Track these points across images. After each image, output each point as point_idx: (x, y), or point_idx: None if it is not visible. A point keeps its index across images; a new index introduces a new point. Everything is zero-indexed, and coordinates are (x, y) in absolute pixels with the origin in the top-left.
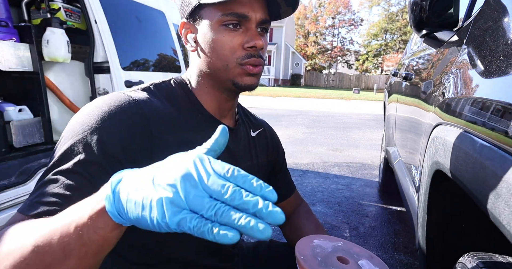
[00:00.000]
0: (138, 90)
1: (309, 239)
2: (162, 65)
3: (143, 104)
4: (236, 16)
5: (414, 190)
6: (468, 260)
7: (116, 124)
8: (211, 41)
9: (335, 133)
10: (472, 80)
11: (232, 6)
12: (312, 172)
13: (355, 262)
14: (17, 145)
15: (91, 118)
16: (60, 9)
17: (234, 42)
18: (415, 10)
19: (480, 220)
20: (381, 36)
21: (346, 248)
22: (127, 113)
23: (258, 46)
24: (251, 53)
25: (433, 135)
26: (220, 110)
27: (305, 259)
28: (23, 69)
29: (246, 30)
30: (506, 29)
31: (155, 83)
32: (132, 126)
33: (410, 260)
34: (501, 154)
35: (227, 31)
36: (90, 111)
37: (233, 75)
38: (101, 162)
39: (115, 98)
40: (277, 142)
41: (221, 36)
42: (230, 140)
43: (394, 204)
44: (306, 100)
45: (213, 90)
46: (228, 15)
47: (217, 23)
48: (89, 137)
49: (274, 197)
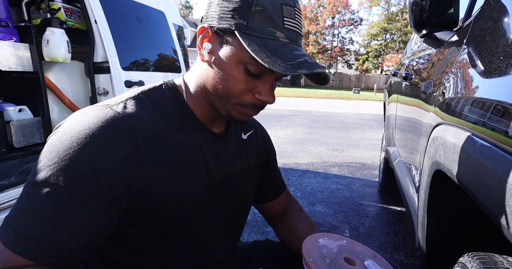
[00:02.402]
0: (126, 101)
1: (314, 238)
2: (162, 65)
3: (131, 121)
4: (263, 68)
5: (414, 190)
6: (468, 260)
7: (105, 150)
8: (225, 70)
9: (335, 133)
10: (472, 80)
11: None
12: (312, 172)
13: (361, 263)
14: (17, 145)
15: (77, 141)
16: (60, 9)
17: (247, 86)
18: (415, 10)
19: (480, 220)
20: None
21: (350, 247)
22: (116, 134)
23: (268, 103)
24: (257, 103)
25: (433, 135)
26: (212, 120)
27: (314, 261)
28: (23, 69)
29: (264, 80)
30: (506, 29)
31: (145, 90)
32: (121, 149)
33: (410, 260)
34: (501, 154)
35: (246, 74)
36: (76, 132)
37: (231, 108)
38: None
39: (102, 116)
40: (268, 142)
41: (238, 74)
42: (220, 147)
43: (394, 204)
44: (306, 100)
45: (208, 105)
46: (256, 62)
47: (241, 61)
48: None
49: None
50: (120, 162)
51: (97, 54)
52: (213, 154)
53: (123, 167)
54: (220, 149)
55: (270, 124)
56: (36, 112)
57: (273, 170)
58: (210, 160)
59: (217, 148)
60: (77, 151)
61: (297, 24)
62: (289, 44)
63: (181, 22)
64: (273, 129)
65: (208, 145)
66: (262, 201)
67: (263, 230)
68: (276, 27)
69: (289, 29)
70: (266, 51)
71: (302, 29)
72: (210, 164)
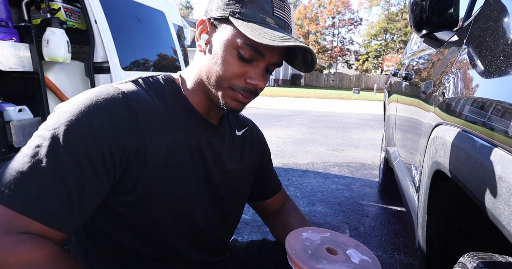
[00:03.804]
0: (127, 82)
1: (297, 232)
2: (162, 65)
3: (133, 98)
4: (255, 51)
5: (414, 190)
6: (468, 260)
7: (106, 117)
8: (219, 56)
9: (335, 133)
10: (472, 80)
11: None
12: (312, 172)
13: (343, 252)
14: (17, 145)
15: (80, 108)
16: (60, 9)
17: (239, 70)
18: (415, 10)
19: (480, 220)
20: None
21: (333, 238)
22: (118, 108)
23: (259, 88)
24: (249, 88)
25: (433, 135)
26: (207, 111)
27: (296, 253)
28: (23, 69)
29: (255, 66)
30: (506, 29)
31: (143, 76)
32: (122, 123)
33: (410, 260)
34: (501, 154)
35: (238, 58)
36: (79, 102)
37: (223, 94)
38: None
39: (104, 91)
40: (263, 141)
41: (231, 58)
42: (215, 138)
43: (394, 204)
44: (306, 100)
45: (204, 96)
46: (248, 46)
47: (234, 46)
48: (76, 127)
49: None
50: (117, 126)
51: (97, 54)
52: (208, 145)
53: (120, 130)
54: (215, 140)
55: (270, 124)
56: (36, 112)
57: (268, 169)
58: (205, 150)
59: (212, 138)
60: (78, 116)
61: (286, 16)
62: (278, 28)
63: (181, 22)
64: (273, 129)
65: (203, 135)
66: (258, 199)
67: (263, 230)
68: (266, 14)
69: (278, 17)
70: (255, 29)
71: (291, 23)
72: (205, 153)
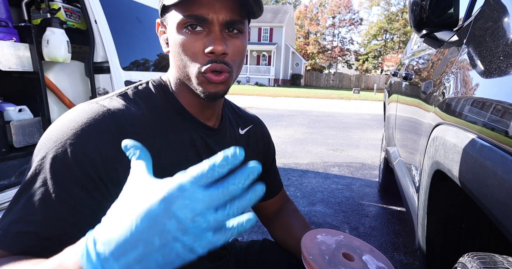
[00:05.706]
0: (113, 97)
1: (312, 235)
2: (162, 65)
3: (118, 114)
4: (194, 18)
5: (414, 190)
6: (468, 260)
7: (91, 140)
8: (175, 44)
9: (335, 133)
10: (472, 80)
11: (191, 7)
12: (312, 172)
13: (359, 258)
14: (17, 145)
15: (63, 134)
16: (60, 9)
17: (195, 47)
18: (415, 10)
19: (480, 220)
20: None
21: (347, 242)
22: (102, 126)
23: (216, 52)
24: (212, 59)
25: (433, 135)
26: (203, 113)
27: (314, 259)
28: (23, 69)
29: (208, 33)
30: (506, 29)
31: (131, 87)
32: (108, 140)
33: (410, 260)
34: (501, 154)
35: (188, 34)
36: (63, 126)
37: (197, 83)
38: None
39: (88, 110)
40: (268, 139)
41: (184, 39)
42: (213, 141)
43: (394, 204)
44: (306, 100)
45: (191, 95)
46: (187, 16)
47: (179, 26)
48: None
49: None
50: (104, 146)
51: (97, 54)
52: (206, 148)
53: (107, 150)
54: (213, 143)
55: (270, 124)
56: (36, 112)
57: (272, 169)
58: (203, 153)
59: (210, 141)
60: (63, 142)
61: None
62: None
63: None
64: (273, 129)
65: (200, 138)
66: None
67: (263, 230)
68: None
69: None
70: None
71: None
72: (203, 156)
